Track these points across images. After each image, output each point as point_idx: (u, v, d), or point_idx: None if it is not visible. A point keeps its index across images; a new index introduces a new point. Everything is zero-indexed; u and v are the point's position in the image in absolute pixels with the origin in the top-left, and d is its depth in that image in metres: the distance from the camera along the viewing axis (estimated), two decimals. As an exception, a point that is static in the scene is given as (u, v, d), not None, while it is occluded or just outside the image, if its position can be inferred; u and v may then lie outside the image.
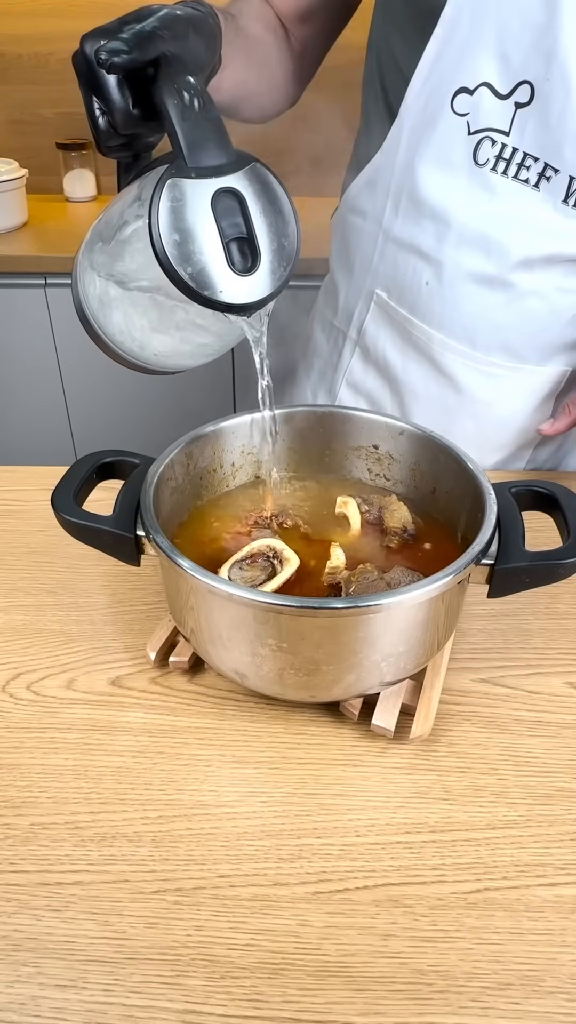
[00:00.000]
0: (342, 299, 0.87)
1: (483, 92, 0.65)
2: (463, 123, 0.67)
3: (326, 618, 0.46)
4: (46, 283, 1.66)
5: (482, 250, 0.72)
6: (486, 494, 0.53)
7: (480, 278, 0.73)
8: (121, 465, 0.58)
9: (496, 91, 0.65)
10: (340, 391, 0.90)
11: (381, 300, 0.81)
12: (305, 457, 0.67)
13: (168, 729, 0.54)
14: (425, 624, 0.49)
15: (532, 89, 0.64)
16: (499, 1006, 0.40)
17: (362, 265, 0.83)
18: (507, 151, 0.67)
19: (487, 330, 0.76)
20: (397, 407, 0.86)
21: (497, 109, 0.66)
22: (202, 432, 0.62)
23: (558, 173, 0.66)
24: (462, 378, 0.80)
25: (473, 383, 0.80)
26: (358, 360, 0.87)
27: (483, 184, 0.69)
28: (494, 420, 0.83)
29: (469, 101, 0.66)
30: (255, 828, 0.48)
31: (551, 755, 0.53)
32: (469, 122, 0.67)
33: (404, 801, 0.50)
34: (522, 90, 0.64)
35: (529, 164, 0.67)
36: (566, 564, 0.49)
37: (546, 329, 0.76)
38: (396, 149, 0.73)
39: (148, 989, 0.40)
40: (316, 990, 0.40)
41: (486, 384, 0.80)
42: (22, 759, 0.52)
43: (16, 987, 0.40)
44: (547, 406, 0.82)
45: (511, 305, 0.74)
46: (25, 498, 0.78)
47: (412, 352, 0.82)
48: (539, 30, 0.61)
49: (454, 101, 0.67)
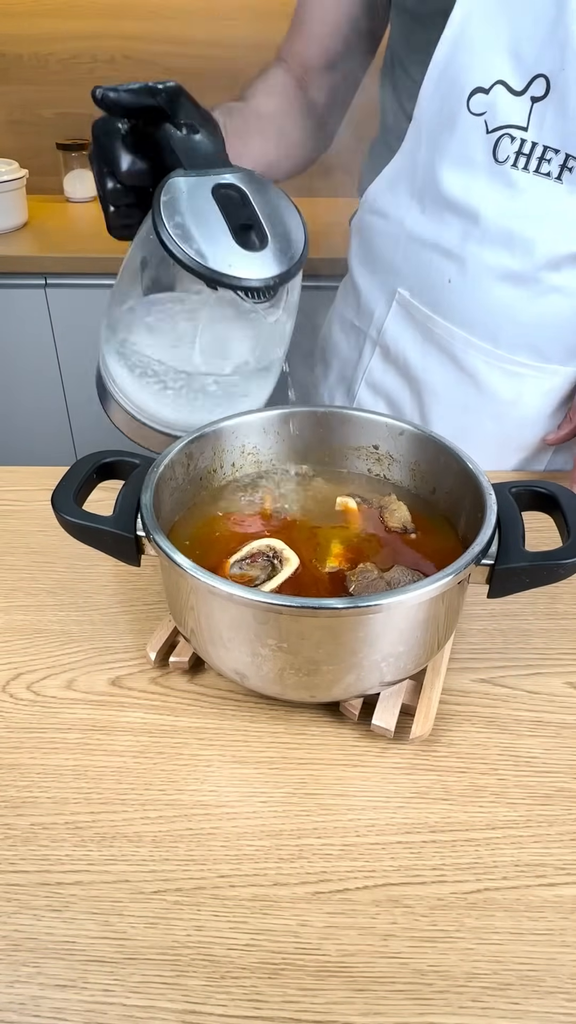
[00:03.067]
0: (363, 299, 0.87)
1: (498, 90, 0.66)
2: (481, 122, 0.67)
3: (326, 618, 0.46)
4: (46, 283, 1.66)
5: (506, 247, 0.72)
6: (486, 494, 0.53)
7: (504, 275, 0.73)
8: (121, 465, 0.58)
9: (511, 88, 0.65)
10: (359, 391, 0.90)
11: (403, 299, 0.81)
12: (305, 457, 0.67)
13: (168, 729, 0.54)
14: (425, 624, 0.49)
15: (548, 82, 0.64)
16: (499, 1006, 0.40)
17: (384, 264, 0.83)
18: (527, 146, 0.67)
19: (510, 328, 0.76)
20: (417, 407, 0.86)
21: (514, 105, 0.66)
22: (202, 432, 0.62)
23: None
24: (484, 377, 0.80)
25: (495, 382, 0.80)
26: (378, 360, 0.87)
27: (505, 181, 0.69)
28: (515, 420, 0.82)
29: (485, 100, 0.67)
30: (255, 828, 0.48)
31: (551, 755, 0.53)
32: (487, 121, 0.67)
33: (404, 801, 0.50)
34: (537, 84, 0.64)
35: (550, 157, 0.67)
36: (566, 564, 0.49)
37: (571, 328, 0.76)
38: (416, 151, 0.73)
39: (148, 989, 0.40)
40: (316, 990, 0.40)
41: (508, 383, 0.79)
42: (22, 759, 0.52)
43: (16, 987, 0.40)
44: (568, 407, 0.82)
45: (535, 303, 0.74)
46: (25, 498, 0.78)
47: (433, 351, 0.82)
48: (550, 22, 0.61)
49: (470, 102, 0.67)
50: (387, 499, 0.62)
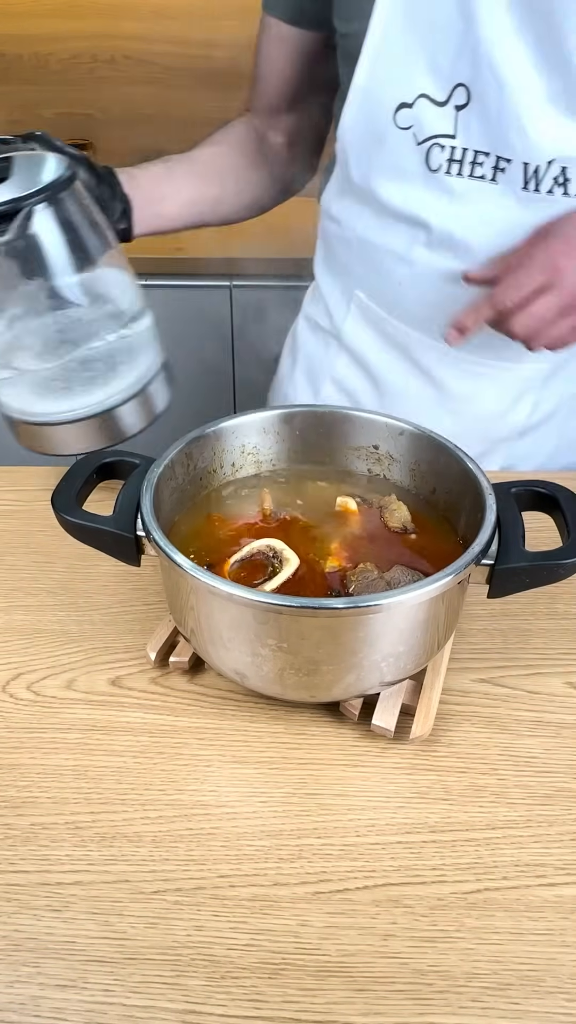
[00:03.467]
0: (326, 300, 0.89)
1: (422, 103, 0.67)
2: (410, 135, 0.69)
3: (326, 618, 0.46)
4: (46, 283, 1.66)
5: (450, 250, 0.73)
6: (486, 494, 0.53)
7: (452, 276, 0.74)
8: (121, 465, 0.58)
9: (434, 99, 0.66)
10: (324, 388, 0.91)
11: (360, 301, 0.83)
12: (305, 457, 0.67)
13: (168, 729, 0.54)
14: (425, 624, 0.49)
15: (467, 90, 0.65)
16: (499, 1006, 0.40)
17: (341, 267, 0.84)
18: (457, 152, 0.68)
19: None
20: (378, 406, 0.87)
21: (439, 116, 0.67)
22: (202, 432, 0.62)
23: (511, 163, 0.67)
24: (440, 375, 0.81)
25: (451, 380, 0.81)
26: (343, 359, 0.89)
27: (441, 188, 0.70)
28: (472, 416, 0.83)
29: (411, 114, 0.68)
30: (255, 828, 0.48)
31: (551, 755, 0.53)
32: (415, 133, 0.68)
33: (404, 801, 0.50)
34: (458, 93, 0.66)
35: (481, 160, 0.68)
36: (566, 564, 0.49)
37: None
38: (347, 165, 0.75)
39: (148, 989, 0.40)
40: (316, 990, 0.40)
41: (464, 381, 0.81)
42: (22, 759, 0.52)
43: (16, 987, 0.40)
44: (526, 401, 0.82)
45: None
46: (25, 498, 0.78)
47: (391, 350, 0.83)
48: (460, 33, 0.63)
49: (396, 117, 0.68)
50: (387, 499, 0.62)
